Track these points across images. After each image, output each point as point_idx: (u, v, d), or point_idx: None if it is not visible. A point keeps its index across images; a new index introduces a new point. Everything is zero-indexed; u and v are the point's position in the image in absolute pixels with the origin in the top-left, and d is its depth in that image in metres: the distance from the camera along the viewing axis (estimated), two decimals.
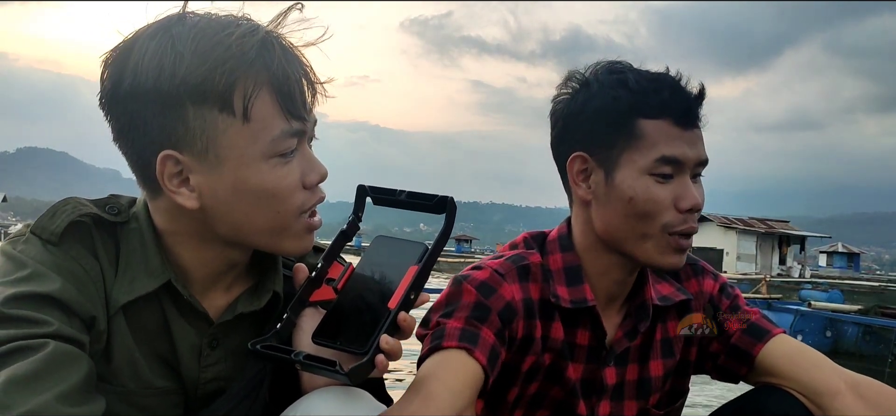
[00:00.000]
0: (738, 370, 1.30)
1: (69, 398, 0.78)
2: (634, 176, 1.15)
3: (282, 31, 0.93)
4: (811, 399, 1.19)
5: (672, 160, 1.15)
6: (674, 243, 1.16)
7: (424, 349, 1.12)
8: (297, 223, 0.95)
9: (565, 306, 1.21)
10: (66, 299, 0.85)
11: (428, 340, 1.13)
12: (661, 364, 1.30)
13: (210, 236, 0.95)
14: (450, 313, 1.14)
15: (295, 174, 0.93)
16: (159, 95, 0.86)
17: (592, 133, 1.19)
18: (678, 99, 1.16)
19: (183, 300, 0.96)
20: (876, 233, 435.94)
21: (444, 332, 1.11)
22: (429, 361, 1.08)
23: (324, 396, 0.91)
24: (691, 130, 1.16)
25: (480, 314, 1.14)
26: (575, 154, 1.21)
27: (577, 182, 1.22)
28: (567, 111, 1.22)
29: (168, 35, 0.87)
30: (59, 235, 0.90)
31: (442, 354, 1.08)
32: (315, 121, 0.96)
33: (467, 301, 1.15)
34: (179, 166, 0.89)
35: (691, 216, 1.17)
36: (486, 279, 1.18)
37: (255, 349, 0.92)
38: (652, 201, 1.15)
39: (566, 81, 1.24)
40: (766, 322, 1.30)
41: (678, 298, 1.30)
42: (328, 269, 0.99)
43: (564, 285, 1.23)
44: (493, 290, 1.17)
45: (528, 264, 1.23)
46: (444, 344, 1.09)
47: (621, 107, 1.16)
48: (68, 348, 0.81)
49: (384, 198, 0.99)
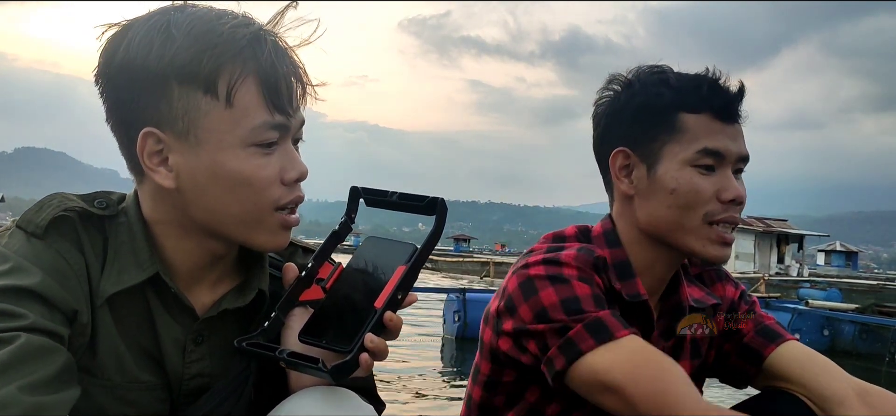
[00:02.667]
0: (747, 371, 1.30)
1: (36, 388, 0.78)
2: (677, 168, 1.18)
3: (278, 31, 0.94)
4: (819, 405, 1.19)
5: (714, 152, 1.17)
6: (716, 234, 1.18)
7: (585, 344, 1.08)
8: (271, 218, 0.95)
9: (624, 299, 1.22)
10: (45, 292, 0.86)
11: (582, 334, 1.09)
12: (690, 365, 1.31)
13: (189, 223, 0.95)
14: (576, 309, 1.11)
15: (273, 168, 0.93)
16: (147, 73, 0.88)
17: (635, 129, 1.21)
18: (719, 94, 1.18)
19: (167, 295, 0.96)
20: (874, 232, 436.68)
21: (604, 323, 1.09)
22: (604, 356, 1.07)
23: (309, 396, 0.91)
24: (732, 124, 1.19)
25: (602, 303, 1.13)
26: (617, 150, 1.23)
27: (620, 177, 1.24)
28: (610, 110, 1.25)
29: (164, 18, 0.89)
30: (43, 227, 0.90)
31: (617, 344, 1.07)
32: (302, 121, 0.97)
33: (584, 294, 1.12)
34: (160, 145, 0.91)
35: (734, 207, 1.18)
36: (580, 275, 1.15)
37: (241, 347, 0.93)
38: (694, 192, 1.17)
39: (608, 84, 1.27)
40: (780, 328, 1.32)
41: (710, 301, 1.31)
42: (318, 269, 1.00)
43: (617, 279, 1.23)
44: (592, 280, 1.16)
45: (596, 258, 1.21)
46: (618, 335, 1.08)
47: (664, 102, 1.19)
48: (42, 340, 0.82)
49: (376, 199, 0.99)
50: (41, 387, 0.79)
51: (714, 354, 1.34)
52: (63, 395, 0.81)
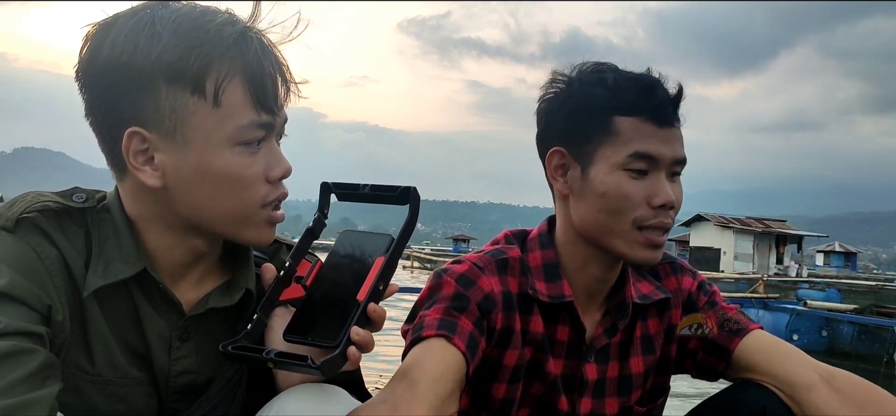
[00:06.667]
0: (716, 367, 1.31)
1: (8, 391, 0.78)
2: (607, 171, 1.17)
3: (262, 28, 0.94)
4: (787, 392, 1.20)
5: (645, 156, 1.16)
6: (644, 238, 1.17)
7: (407, 342, 1.16)
8: (258, 214, 0.95)
9: (543, 300, 1.23)
10: (15, 292, 0.85)
11: (410, 333, 1.16)
12: (642, 361, 1.31)
13: (172, 220, 0.95)
14: (430, 305, 1.18)
15: (259, 166, 0.94)
16: (133, 71, 0.87)
17: (571, 129, 1.21)
18: (653, 97, 1.17)
19: (153, 291, 0.96)
20: (873, 232, 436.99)
21: (424, 323, 1.14)
22: (411, 352, 1.12)
23: (297, 394, 0.92)
24: (667, 128, 1.17)
25: (459, 304, 1.17)
26: (554, 149, 1.23)
27: (556, 176, 1.24)
28: (549, 108, 1.25)
29: (149, 15, 0.89)
30: (14, 220, 0.89)
31: (423, 344, 1.12)
32: (285, 119, 0.98)
33: (446, 293, 1.18)
34: (145, 144, 0.90)
35: (664, 212, 1.17)
36: (465, 272, 1.21)
37: (227, 351, 0.93)
38: (623, 197, 1.16)
39: (552, 81, 1.26)
40: (743, 318, 1.32)
41: (657, 296, 1.31)
42: (296, 267, 1.00)
43: (543, 280, 1.25)
44: (472, 281, 1.20)
45: (506, 258, 1.25)
46: (425, 334, 1.12)
47: (598, 103, 1.18)
48: (13, 343, 0.81)
49: (348, 193, 1.00)
50: (14, 389, 0.78)
51: (676, 349, 1.34)
52: (40, 393, 0.80)
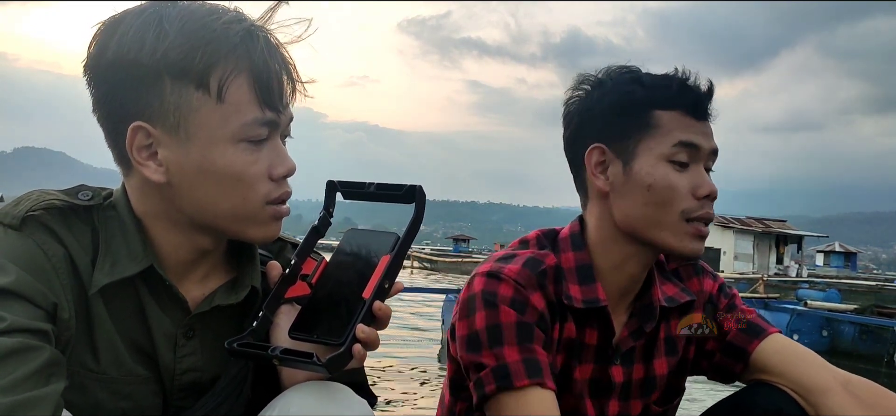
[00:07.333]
0: (733, 368, 1.31)
1: (12, 389, 0.77)
2: (652, 163, 1.19)
3: (270, 27, 0.94)
4: (803, 396, 1.21)
5: (689, 144, 1.18)
6: (692, 229, 1.19)
7: (489, 387, 1.14)
8: (262, 212, 0.95)
9: (578, 307, 1.22)
10: (21, 290, 0.85)
11: (489, 377, 1.14)
12: (666, 363, 1.32)
13: (177, 217, 0.95)
14: (497, 340, 1.15)
15: (262, 164, 0.94)
16: (140, 67, 0.88)
17: (609, 126, 1.22)
18: (689, 91, 1.21)
19: (159, 288, 0.96)
20: (873, 232, 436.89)
21: (508, 369, 1.13)
22: (505, 402, 1.13)
23: (302, 391, 0.92)
24: (703, 120, 1.21)
25: (526, 334, 1.15)
26: (593, 146, 1.23)
27: (596, 174, 1.24)
28: (582, 108, 1.26)
29: (157, 13, 0.89)
30: (20, 219, 0.89)
31: (518, 396, 1.12)
32: (291, 117, 0.97)
33: (508, 322, 1.15)
34: (150, 139, 0.91)
35: (708, 203, 1.20)
36: (514, 296, 1.17)
37: (232, 348, 0.93)
38: (670, 188, 1.18)
39: (578, 84, 1.28)
40: (762, 321, 1.33)
41: (683, 299, 1.31)
42: (302, 265, 1.00)
43: (577, 284, 1.24)
44: (525, 304, 1.17)
45: (545, 269, 1.22)
46: (517, 384, 1.12)
47: (637, 98, 1.21)
48: (18, 341, 0.81)
49: (354, 191, 1.00)
50: (19, 386, 0.78)
51: (694, 350, 1.34)
52: (45, 390, 0.80)
